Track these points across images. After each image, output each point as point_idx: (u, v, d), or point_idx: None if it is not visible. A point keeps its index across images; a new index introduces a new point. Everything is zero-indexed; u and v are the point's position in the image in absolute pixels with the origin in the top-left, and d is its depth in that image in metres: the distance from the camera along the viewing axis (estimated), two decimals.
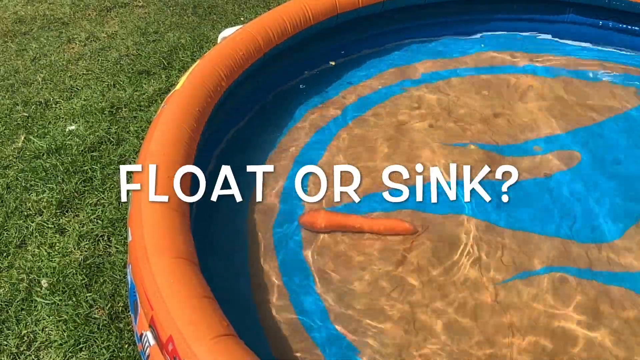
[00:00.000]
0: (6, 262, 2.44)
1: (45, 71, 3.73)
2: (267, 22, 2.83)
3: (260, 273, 2.18)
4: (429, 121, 2.90)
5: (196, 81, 2.43)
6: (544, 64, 3.31)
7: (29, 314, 2.23)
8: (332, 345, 1.95)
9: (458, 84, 3.17)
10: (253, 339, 1.72)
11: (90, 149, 3.00)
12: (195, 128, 2.25)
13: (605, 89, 3.09)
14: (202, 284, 1.66)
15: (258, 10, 4.43)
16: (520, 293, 2.09)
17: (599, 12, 3.35)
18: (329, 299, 2.09)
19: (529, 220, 2.36)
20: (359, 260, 2.23)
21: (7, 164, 2.95)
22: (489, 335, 1.97)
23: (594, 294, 2.09)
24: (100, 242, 2.49)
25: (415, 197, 2.47)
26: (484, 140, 2.78)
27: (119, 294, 2.26)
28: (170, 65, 3.73)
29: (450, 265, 2.19)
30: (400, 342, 1.95)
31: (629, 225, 2.34)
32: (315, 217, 2.36)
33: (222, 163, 2.64)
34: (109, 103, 3.34)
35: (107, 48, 3.98)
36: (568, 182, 2.54)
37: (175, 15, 4.42)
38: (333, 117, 2.94)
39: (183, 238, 1.79)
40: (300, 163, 2.66)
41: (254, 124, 2.92)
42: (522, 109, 2.97)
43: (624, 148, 2.71)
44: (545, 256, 2.22)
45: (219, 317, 1.57)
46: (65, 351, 2.07)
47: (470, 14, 3.50)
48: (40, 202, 2.70)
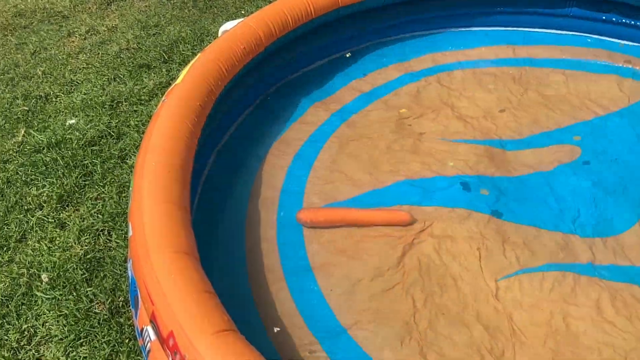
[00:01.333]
0: (6, 256, 2.43)
1: (46, 65, 3.72)
2: (268, 16, 2.81)
3: (260, 268, 2.18)
4: (430, 115, 2.89)
5: (197, 75, 2.42)
6: (545, 56, 3.29)
7: (30, 309, 2.22)
8: (333, 339, 1.94)
9: (461, 77, 3.15)
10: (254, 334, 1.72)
11: (91, 143, 2.99)
12: (196, 122, 2.24)
13: (609, 82, 3.07)
14: (203, 278, 1.66)
15: (259, 4, 4.41)
16: (523, 288, 2.08)
17: (602, 5, 3.33)
18: (330, 294, 2.08)
19: (532, 215, 2.35)
20: (359, 255, 2.22)
21: (7, 158, 2.95)
22: (491, 330, 1.96)
23: (598, 289, 2.08)
24: (101, 236, 2.48)
25: (417, 191, 2.47)
26: (487, 134, 2.76)
27: (119, 288, 2.26)
28: (171, 58, 3.71)
29: (452, 260, 2.18)
30: (402, 337, 1.94)
31: (635, 219, 2.33)
32: (313, 213, 2.36)
33: (223, 157, 2.66)
34: (110, 97, 3.33)
35: (107, 41, 3.97)
36: (572, 176, 2.53)
37: (176, 8, 4.40)
38: (334, 112, 2.93)
39: (184, 233, 1.78)
40: (300, 158, 2.65)
41: (255, 117, 2.91)
42: (526, 102, 2.96)
43: (628, 142, 2.69)
44: (549, 251, 2.21)
45: (220, 312, 1.56)
46: (65, 346, 2.07)
47: (473, 7, 3.48)
48: (41, 196, 2.69)
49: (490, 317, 2.01)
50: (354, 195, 2.47)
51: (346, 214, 2.36)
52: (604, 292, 2.07)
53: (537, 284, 2.10)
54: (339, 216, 2.34)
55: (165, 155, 2.02)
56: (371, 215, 2.36)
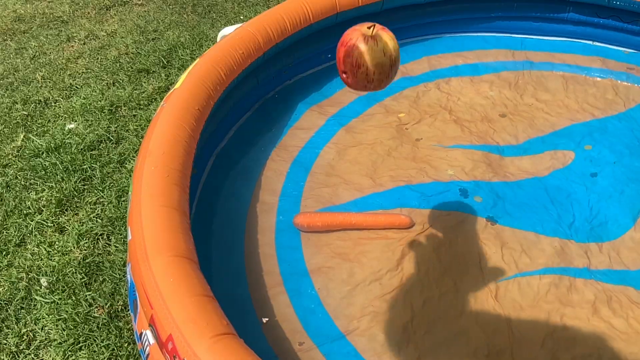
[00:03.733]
0: (5, 260, 2.44)
1: (45, 70, 3.73)
2: (266, 21, 2.83)
3: (259, 272, 2.18)
4: (428, 120, 2.90)
5: (196, 80, 2.43)
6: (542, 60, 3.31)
7: (29, 313, 2.23)
8: (332, 344, 1.94)
9: (459, 82, 3.17)
10: (252, 337, 1.73)
11: (90, 148, 3.00)
12: (195, 127, 2.25)
13: (605, 87, 3.09)
14: (202, 282, 1.66)
15: (258, 9, 4.43)
16: (521, 292, 2.09)
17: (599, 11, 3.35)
18: (328, 297, 2.09)
19: (530, 220, 2.36)
20: (357, 258, 2.23)
21: (6, 163, 2.95)
22: (489, 333, 1.97)
23: (594, 291, 2.09)
24: (100, 240, 2.49)
25: (416, 195, 2.48)
26: (485, 139, 2.78)
27: (118, 292, 2.26)
28: (170, 63, 3.73)
29: (450, 263, 2.19)
30: (400, 340, 1.95)
31: (630, 223, 2.34)
32: (310, 217, 2.36)
33: (222, 162, 2.67)
34: (109, 101, 3.34)
35: (106, 46, 3.98)
36: (568, 180, 2.54)
37: (175, 13, 4.42)
38: (332, 116, 2.94)
39: (183, 237, 1.78)
40: (299, 163, 2.66)
41: (254, 122, 2.92)
42: (524, 107, 2.97)
43: (624, 146, 2.70)
44: (546, 255, 2.22)
45: (219, 316, 1.57)
46: (64, 350, 2.07)
47: (471, 13, 3.50)
48: (40, 200, 2.70)
49: (488, 320, 2.01)
50: (354, 199, 2.47)
51: (344, 218, 2.36)
52: (600, 294, 2.08)
53: (534, 287, 2.11)
54: (337, 220, 2.34)
55: (164, 160, 2.03)
56: (370, 219, 2.37)
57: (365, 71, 1.54)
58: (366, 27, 1.55)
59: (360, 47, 1.52)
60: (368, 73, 1.54)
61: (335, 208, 2.43)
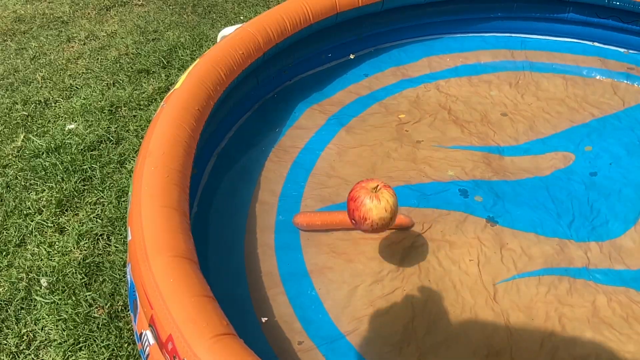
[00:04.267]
0: (5, 261, 2.44)
1: (45, 70, 3.73)
2: (266, 21, 2.83)
3: (259, 272, 2.18)
4: (428, 120, 2.90)
5: (196, 80, 2.43)
6: (542, 61, 3.31)
7: (29, 313, 2.23)
8: (332, 344, 1.94)
9: (458, 83, 3.17)
10: (252, 338, 1.73)
11: (90, 148, 3.00)
12: (195, 127, 2.25)
13: (605, 86, 3.09)
14: (202, 282, 1.66)
15: (258, 9, 4.43)
16: (521, 292, 2.09)
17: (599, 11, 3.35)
18: (328, 298, 2.09)
19: (529, 220, 2.36)
20: (357, 258, 2.22)
21: (6, 163, 2.95)
22: (488, 334, 1.97)
23: (593, 291, 2.09)
24: (100, 241, 2.49)
25: (415, 195, 2.48)
26: (485, 139, 2.78)
27: (118, 293, 2.26)
28: (170, 64, 3.73)
29: (450, 264, 2.19)
30: (400, 340, 1.95)
31: (630, 223, 2.34)
32: (309, 216, 2.36)
33: (222, 162, 2.67)
34: (109, 102, 3.34)
35: (106, 47, 3.98)
36: (568, 180, 2.54)
37: (175, 14, 4.42)
38: (333, 116, 2.94)
39: (183, 237, 1.78)
40: (299, 163, 2.66)
41: (254, 122, 2.92)
42: (523, 108, 2.98)
43: (624, 145, 2.70)
44: (545, 255, 2.22)
45: (219, 316, 1.57)
46: (64, 350, 2.07)
47: (471, 13, 3.50)
48: (40, 201, 2.70)
49: (488, 321, 2.01)
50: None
51: (344, 217, 2.35)
52: (599, 295, 2.08)
53: (534, 287, 2.10)
54: (336, 219, 2.33)
55: (164, 160, 2.03)
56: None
57: (371, 223, 1.97)
58: (371, 185, 1.97)
59: (366, 204, 1.94)
60: (372, 224, 1.97)
61: (335, 208, 2.43)
